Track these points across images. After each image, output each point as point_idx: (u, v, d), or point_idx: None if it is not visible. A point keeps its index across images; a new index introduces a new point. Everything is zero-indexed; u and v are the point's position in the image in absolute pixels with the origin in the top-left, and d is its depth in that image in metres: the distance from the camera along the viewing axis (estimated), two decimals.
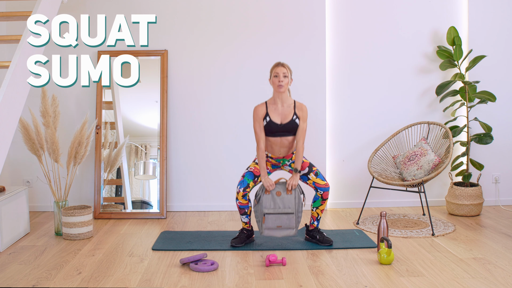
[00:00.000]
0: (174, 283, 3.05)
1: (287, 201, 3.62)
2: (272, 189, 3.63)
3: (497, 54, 4.86)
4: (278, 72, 3.63)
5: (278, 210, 3.61)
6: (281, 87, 3.62)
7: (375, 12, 4.85)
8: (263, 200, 3.62)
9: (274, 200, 3.62)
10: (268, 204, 3.61)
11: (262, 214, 3.62)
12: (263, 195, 3.63)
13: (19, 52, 3.25)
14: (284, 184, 3.66)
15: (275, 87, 3.65)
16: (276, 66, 3.66)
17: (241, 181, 3.69)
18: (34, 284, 3.04)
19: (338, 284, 3.01)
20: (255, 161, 3.78)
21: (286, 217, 3.61)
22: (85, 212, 3.96)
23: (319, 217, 3.78)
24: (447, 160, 4.18)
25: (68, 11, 4.62)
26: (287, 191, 3.63)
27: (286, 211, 3.62)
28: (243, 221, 3.78)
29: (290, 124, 3.66)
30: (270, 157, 3.76)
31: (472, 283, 2.99)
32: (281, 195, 3.63)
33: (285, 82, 3.63)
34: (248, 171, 3.72)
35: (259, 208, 3.64)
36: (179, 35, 4.78)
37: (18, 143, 4.53)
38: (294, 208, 3.62)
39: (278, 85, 3.62)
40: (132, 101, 4.79)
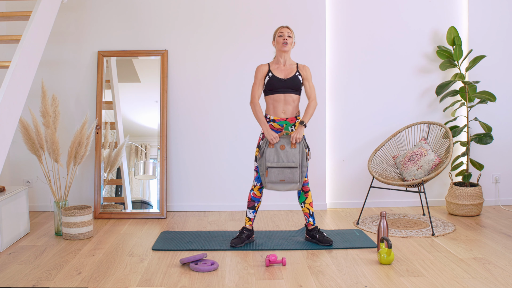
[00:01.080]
0: (174, 283, 3.05)
1: (291, 155, 3.56)
2: (276, 142, 3.57)
3: (497, 54, 4.86)
4: (282, 31, 3.67)
5: (281, 164, 3.55)
6: (285, 45, 3.64)
7: (375, 12, 4.85)
8: (266, 153, 3.56)
9: (278, 153, 3.57)
10: (271, 158, 3.56)
11: (265, 167, 3.57)
12: (266, 148, 3.57)
13: (19, 52, 3.24)
14: (289, 138, 3.60)
15: (280, 45, 3.65)
16: (280, 27, 3.70)
17: (256, 177, 3.69)
18: (34, 284, 3.04)
19: (338, 284, 3.01)
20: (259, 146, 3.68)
21: (289, 171, 3.56)
22: (85, 212, 3.96)
23: (311, 213, 3.75)
24: (447, 160, 4.18)
25: (68, 11, 4.64)
26: (291, 145, 3.57)
27: (289, 165, 3.55)
28: (248, 217, 3.75)
29: (293, 80, 3.64)
30: (273, 121, 3.67)
31: (472, 283, 2.99)
32: (285, 148, 3.57)
33: (290, 41, 3.66)
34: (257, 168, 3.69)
35: (263, 162, 3.59)
36: (179, 35, 4.78)
37: (18, 143, 4.53)
38: (298, 162, 3.56)
39: (283, 43, 3.64)
40: (132, 101, 4.79)
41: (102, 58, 4.72)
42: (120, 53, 4.73)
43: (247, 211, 3.77)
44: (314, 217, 3.78)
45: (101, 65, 4.72)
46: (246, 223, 3.78)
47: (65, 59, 4.77)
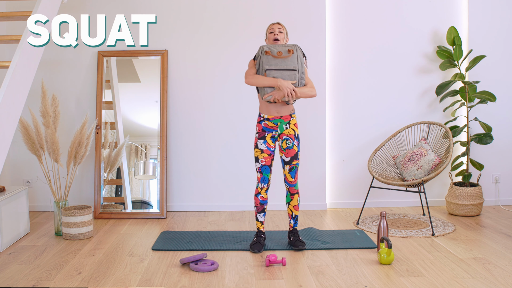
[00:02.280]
0: (174, 283, 3.05)
1: (289, 61, 3.47)
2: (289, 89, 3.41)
3: (497, 54, 4.86)
4: (273, 28, 3.62)
5: (279, 66, 3.45)
6: (277, 41, 3.58)
7: (375, 12, 4.85)
8: (263, 60, 3.49)
9: (276, 58, 3.47)
10: (269, 62, 3.46)
11: (263, 70, 3.47)
12: (262, 55, 3.48)
13: (19, 52, 3.24)
14: (285, 46, 3.49)
15: (271, 42, 3.60)
16: (271, 24, 3.66)
17: (261, 178, 3.59)
18: (34, 284, 3.04)
19: (338, 284, 3.01)
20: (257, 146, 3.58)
21: (287, 73, 3.47)
22: (85, 212, 3.96)
23: (294, 215, 3.66)
24: (447, 160, 4.18)
25: (68, 11, 4.63)
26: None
27: (288, 67, 3.46)
28: (260, 221, 3.66)
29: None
30: (266, 119, 3.58)
31: (472, 283, 2.99)
32: (282, 54, 3.47)
33: (281, 37, 3.59)
34: (262, 165, 3.58)
35: (260, 67, 3.49)
36: (179, 35, 4.78)
37: (18, 143, 4.53)
38: (297, 66, 3.47)
39: (274, 38, 3.58)
40: (132, 101, 4.79)
41: (102, 58, 4.72)
42: (120, 53, 4.73)
43: (258, 216, 3.66)
44: (297, 220, 3.68)
45: (101, 65, 4.72)
46: (259, 227, 3.68)
47: (65, 59, 4.77)
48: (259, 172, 3.61)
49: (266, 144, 3.58)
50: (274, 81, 3.43)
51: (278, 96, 3.45)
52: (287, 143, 3.57)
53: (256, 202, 3.65)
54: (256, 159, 3.61)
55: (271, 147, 3.59)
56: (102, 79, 4.71)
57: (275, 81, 3.43)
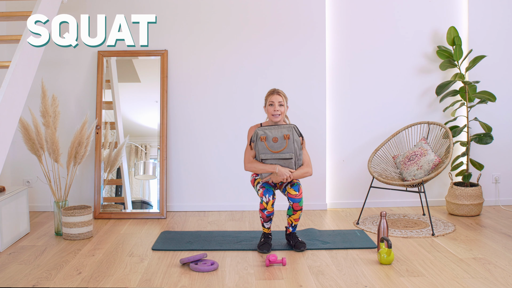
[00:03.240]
0: (174, 283, 3.05)
1: (285, 150, 3.46)
2: (286, 178, 3.47)
3: (497, 54, 4.86)
4: (273, 100, 3.53)
5: (275, 156, 3.47)
6: (276, 117, 3.53)
7: (375, 12, 4.85)
8: (259, 147, 3.49)
9: (271, 146, 3.47)
10: (265, 150, 3.48)
11: (260, 159, 3.51)
12: (258, 141, 3.49)
13: (19, 52, 3.24)
14: (279, 128, 3.48)
15: (270, 116, 3.55)
16: (271, 94, 3.55)
17: (265, 191, 3.48)
18: (34, 284, 3.04)
19: (338, 284, 3.01)
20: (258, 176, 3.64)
21: (283, 162, 3.48)
22: (85, 212, 3.96)
23: (293, 224, 3.64)
24: (447, 160, 4.18)
25: (68, 11, 4.63)
26: (284, 137, 3.46)
27: (284, 156, 3.47)
28: (266, 227, 3.62)
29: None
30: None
31: (472, 283, 2.99)
32: (278, 141, 3.47)
33: (281, 110, 3.53)
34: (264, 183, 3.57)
35: (257, 153, 3.52)
36: (179, 35, 4.78)
37: (18, 143, 4.53)
38: (293, 153, 3.48)
39: (273, 114, 3.52)
40: (132, 101, 4.79)
41: (102, 58, 4.72)
42: (120, 53, 4.73)
43: (264, 224, 3.60)
44: (295, 227, 3.66)
45: (101, 65, 4.72)
46: (266, 231, 3.65)
47: (65, 59, 4.77)
48: (261, 188, 3.54)
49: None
50: (272, 168, 3.49)
51: (276, 180, 3.52)
52: (292, 188, 3.54)
53: (262, 215, 3.55)
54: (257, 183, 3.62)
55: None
56: (102, 79, 4.71)
57: (273, 168, 3.48)
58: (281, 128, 3.49)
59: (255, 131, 3.51)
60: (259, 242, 3.66)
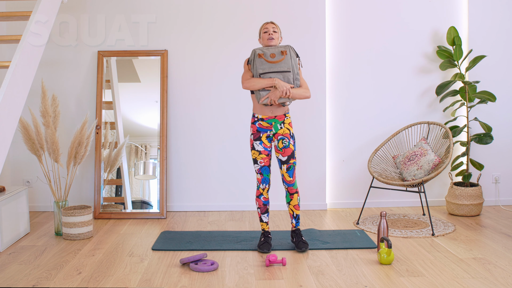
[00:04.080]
0: (174, 283, 3.05)
1: (283, 63, 3.45)
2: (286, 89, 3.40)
3: (497, 54, 4.86)
4: (267, 27, 3.57)
5: (273, 68, 3.43)
6: (271, 41, 3.53)
7: (375, 12, 4.85)
8: (256, 64, 3.46)
9: (269, 59, 3.45)
10: (262, 65, 3.45)
11: (257, 75, 3.46)
12: (256, 58, 3.46)
13: (19, 52, 3.24)
14: (277, 47, 3.47)
15: (265, 41, 3.55)
16: (265, 24, 3.61)
17: (262, 180, 3.58)
18: (34, 284, 3.04)
19: (338, 284, 3.01)
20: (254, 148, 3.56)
21: (282, 75, 3.45)
22: (85, 212, 3.96)
23: (295, 215, 3.64)
24: (447, 160, 4.18)
25: (68, 11, 4.64)
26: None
27: (282, 69, 3.44)
28: (264, 221, 3.66)
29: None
30: (261, 119, 3.55)
31: (472, 283, 2.99)
32: (275, 56, 3.45)
33: (275, 36, 3.54)
34: (261, 167, 3.57)
35: (254, 71, 3.48)
36: (179, 35, 4.78)
37: (18, 143, 4.53)
38: (291, 67, 3.45)
39: (268, 38, 3.54)
40: (132, 101, 4.79)
41: (102, 58, 4.72)
42: (120, 53, 4.73)
43: (262, 217, 3.66)
44: (298, 220, 3.66)
45: (101, 65, 4.72)
46: (265, 228, 3.68)
47: (65, 59, 4.77)
48: (259, 174, 3.61)
49: (263, 145, 3.56)
50: (271, 81, 3.44)
51: (274, 97, 3.44)
52: (283, 143, 3.54)
53: (259, 203, 3.64)
54: (254, 161, 3.60)
55: (267, 147, 3.58)
56: (102, 79, 4.71)
57: (272, 81, 3.44)
58: (278, 47, 3.50)
59: (252, 51, 3.51)
60: (259, 242, 3.67)
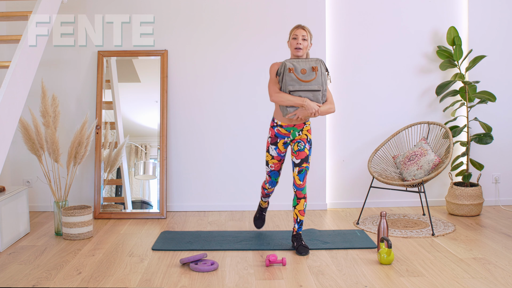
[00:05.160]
0: (174, 283, 3.05)
1: (314, 82, 3.43)
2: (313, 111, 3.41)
3: (497, 54, 4.86)
4: (297, 34, 3.47)
5: (304, 87, 3.40)
6: (299, 50, 3.46)
7: (375, 12, 4.85)
8: (286, 79, 3.41)
9: (300, 77, 3.41)
10: (292, 82, 3.41)
11: (287, 91, 3.43)
12: (286, 73, 3.41)
13: (19, 52, 3.24)
14: (307, 61, 3.44)
15: (293, 49, 3.49)
16: (295, 28, 3.51)
17: (270, 182, 3.75)
18: (34, 284, 3.04)
19: (338, 284, 3.01)
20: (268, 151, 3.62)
21: (312, 94, 3.42)
22: (85, 212, 3.96)
23: (298, 220, 3.60)
24: (447, 160, 4.18)
25: (68, 11, 4.63)
26: (313, 69, 3.41)
27: (312, 88, 3.41)
28: (264, 201, 3.93)
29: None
30: (280, 126, 3.57)
31: (472, 283, 2.99)
32: (306, 72, 3.41)
33: (304, 45, 3.47)
34: (272, 171, 3.70)
35: (283, 86, 3.44)
36: (179, 35, 4.78)
37: (18, 143, 4.53)
38: (321, 86, 3.44)
39: (296, 47, 3.47)
40: (132, 101, 4.79)
41: (102, 58, 4.72)
42: (120, 53, 4.73)
43: (262, 198, 3.95)
44: (301, 225, 3.63)
45: (101, 65, 4.71)
46: (263, 205, 3.97)
47: (65, 59, 4.77)
48: (268, 175, 3.74)
49: (277, 151, 3.64)
50: (301, 101, 3.41)
51: (302, 116, 3.46)
52: (298, 146, 3.56)
53: (262, 192, 3.89)
54: (266, 163, 3.73)
55: (282, 153, 3.66)
56: (102, 79, 4.71)
57: (302, 101, 3.40)
58: (309, 61, 3.45)
59: (282, 63, 3.45)
60: (254, 217, 4.04)
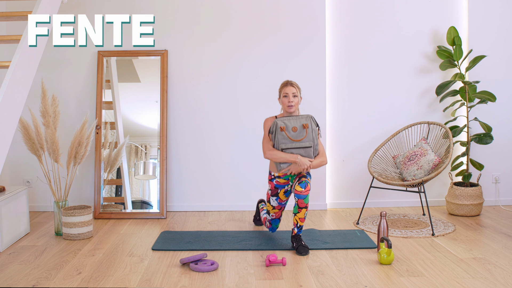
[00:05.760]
0: (174, 283, 3.05)
1: (305, 139, 3.53)
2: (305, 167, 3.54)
3: (497, 54, 4.86)
4: (287, 92, 3.61)
5: (295, 145, 3.54)
6: (291, 107, 3.61)
7: (375, 12, 4.85)
8: (278, 137, 3.54)
9: (292, 135, 3.54)
10: (284, 141, 3.54)
11: (279, 149, 3.56)
12: (278, 132, 3.54)
13: (19, 52, 3.24)
14: (298, 119, 3.56)
15: (285, 107, 3.63)
16: (285, 86, 3.63)
17: (271, 228, 3.94)
18: (34, 284, 3.04)
19: (338, 284, 3.01)
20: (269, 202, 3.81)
21: (303, 151, 3.54)
22: (85, 212, 3.96)
23: (298, 225, 3.60)
24: (447, 160, 4.18)
25: (68, 11, 4.63)
26: (303, 126, 3.54)
27: (303, 145, 3.54)
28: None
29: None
30: (278, 177, 3.72)
31: (472, 283, 2.99)
32: (297, 130, 3.54)
33: (295, 101, 3.61)
34: (273, 219, 3.88)
35: (276, 144, 3.57)
36: (179, 35, 4.78)
37: (18, 143, 4.53)
38: (312, 141, 3.55)
39: (288, 105, 3.61)
40: (132, 101, 4.79)
41: (102, 58, 4.72)
42: (120, 53, 4.73)
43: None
44: (301, 229, 3.62)
45: (101, 65, 4.72)
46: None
47: (65, 59, 4.77)
48: (268, 222, 3.92)
49: (279, 201, 3.78)
50: (294, 158, 3.53)
51: (295, 171, 3.59)
52: (300, 185, 3.54)
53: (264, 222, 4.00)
54: (267, 211, 3.87)
55: (283, 202, 3.80)
56: (102, 79, 4.71)
57: (295, 158, 3.53)
58: (299, 118, 3.57)
59: (274, 122, 3.57)
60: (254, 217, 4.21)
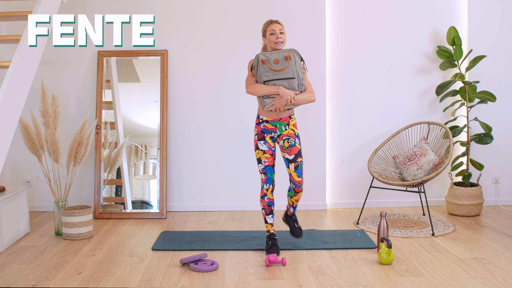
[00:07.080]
0: (174, 283, 3.05)
1: (287, 69, 3.39)
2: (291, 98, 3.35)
3: (497, 54, 4.86)
4: (274, 29, 3.44)
5: (277, 76, 3.38)
6: (279, 44, 3.43)
7: (375, 12, 4.85)
8: (260, 70, 3.40)
9: (273, 66, 3.39)
10: (266, 73, 3.39)
11: (262, 82, 3.41)
12: (259, 65, 3.40)
13: (19, 52, 3.24)
14: (281, 53, 3.40)
15: (273, 44, 3.44)
16: (270, 23, 3.48)
17: (266, 179, 3.52)
18: (34, 284, 3.04)
19: (338, 284, 3.01)
20: (258, 148, 3.52)
21: (287, 82, 3.39)
22: (85, 212, 3.96)
23: (294, 205, 3.67)
24: (447, 160, 4.18)
25: (68, 11, 4.63)
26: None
27: (286, 76, 3.38)
28: (269, 223, 3.59)
29: None
30: (265, 121, 3.51)
31: (472, 283, 2.99)
32: (279, 62, 3.39)
33: (283, 38, 3.45)
34: (265, 166, 3.52)
35: (258, 77, 3.42)
36: (179, 35, 4.78)
37: (18, 143, 4.53)
38: (296, 73, 3.39)
39: (275, 42, 3.42)
40: (132, 101, 4.79)
41: (102, 58, 4.72)
42: (120, 53, 4.73)
43: (267, 218, 3.59)
44: (295, 209, 3.67)
45: (101, 65, 4.72)
46: (270, 230, 3.61)
47: (65, 59, 4.77)
48: (263, 174, 3.54)
49: (267, 144, 3.52)
50: (275, 89, 3.38)
51: (279, 105, 3.41)
52: (289, 142, 3.49)
53: (263, 204, 3.57)
54: (258, 161, 3.55)
55: (272, 147, 3.54)
56: (102, 79, 4.71)
57: (277, 89, 3.38)
58: (282, 52, 3.41)
59: (255, 56, 3.44)
60: (266, 245, 3.58)
